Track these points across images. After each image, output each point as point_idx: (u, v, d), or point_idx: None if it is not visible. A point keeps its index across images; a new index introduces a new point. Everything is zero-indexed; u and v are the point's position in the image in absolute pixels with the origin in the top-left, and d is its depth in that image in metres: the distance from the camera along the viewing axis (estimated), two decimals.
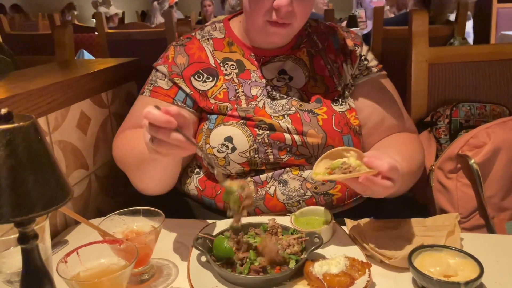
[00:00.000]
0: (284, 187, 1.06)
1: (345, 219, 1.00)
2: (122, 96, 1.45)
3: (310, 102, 1.11)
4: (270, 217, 0.95)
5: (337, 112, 1.10)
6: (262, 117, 1.05)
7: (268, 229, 0.92)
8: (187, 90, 1.11)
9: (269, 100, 1.09)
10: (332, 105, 1.11)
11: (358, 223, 0.98)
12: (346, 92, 1.16)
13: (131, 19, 7.98)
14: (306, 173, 1.07)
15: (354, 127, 1.12)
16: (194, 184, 1.14)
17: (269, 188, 1.06)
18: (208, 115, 1.10)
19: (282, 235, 0.90)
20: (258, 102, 1.08)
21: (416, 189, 1.31)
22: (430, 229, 0.95)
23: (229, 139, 1.04)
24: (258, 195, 1.06)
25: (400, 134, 1.17)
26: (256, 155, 1.05)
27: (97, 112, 1.30)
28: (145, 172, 1.02)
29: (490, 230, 1.17)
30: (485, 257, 0.79)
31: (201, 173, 1.14)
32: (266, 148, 1.05)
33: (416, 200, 1.33)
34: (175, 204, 1.16)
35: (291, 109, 1.08)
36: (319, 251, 0.87)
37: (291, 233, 0.90)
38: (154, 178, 1.04)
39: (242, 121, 1.06)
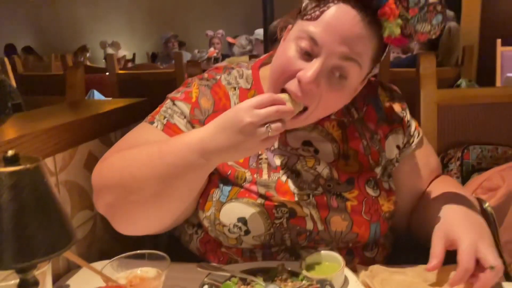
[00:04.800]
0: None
1: (356, 265, 0.96)
2: None
3: (340, 182, 0.97)
4: (279, 263, 0.92)
5: (369, 197, 0.97)
6: (283, 198, 0.94)
7: (278, 275, 0.89)
8: None
9: (294, 174, 0.96)
10: (365, 187, 0.98)
11: (371, 269, 0.94)
12: (389, 168, 1.04)
13: (142, 61, 8.17)
14: (321, 248, 0.97)
15: (384, 214, 0.99)
16: (194, 244, 1.04)
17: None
18: (221, 184, 0.95)
19: (292, 282, 0.86)
20: (281, 175, 0.96)
21: (430, 233, 1.27)
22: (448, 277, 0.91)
23: (243, 220, 0.93)
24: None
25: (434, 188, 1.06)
26: (271, 239, 0.94)
27: (105, 152, 1.30)
28: (174, 188, 0.84)
29: (508, 278, 1.12)
30: None
31: (201, 233, 1.02)
32: (283, 232, 0.94)
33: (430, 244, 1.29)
34: (180, 248, 1.13)
35: (318, 189, 0.96)
36: None
37: (301, 280, 0.86)
38: (185, 193, 0.87)
39: (260, 201, 0.93)
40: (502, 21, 4.33)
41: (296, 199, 0.95)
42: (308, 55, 0.85)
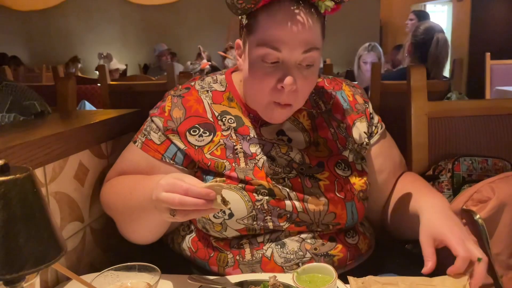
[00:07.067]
0: (281, 249, 1.01)
1: (348, 277, 0.96)
2: (122, 146, 1.43)
3: (312, 165, 1.06)
4: (271, 275, 0.91)
5: (340, 177, 1.06)
6: (261, 181, 1.01)
7: (269, 287, 0.88)
8: (181, 146, 1.05)
9: (269, 160, 1.04)
10: (335, 169, 1.07)
11: (363, 281, 0.94)
12: (362, 151, 1.14)
13: (134, 72, 8.15)
14: (304, 235, 1.03)
15: (358, 193, 1.07)
16: (186, 244, 1.09)
17: (265, 250, 1.02)
18: (204, 176, 1.04)
19: None
20: (258, 160, 1.04)
21: (412, 232, 1.29)
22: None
23: None
24: (254, 258, 1.02)
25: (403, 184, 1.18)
26: (254, 222, 1.00)
27: (96, 163, 1.29)
28: (140, 224, 1.01)
29: None
30: None
31: (194, 232, 1.09)
32: (265, 214, 1.00)
33: (422, 256, 1.29)
34: (171, 259, 1.12)
35: (292, 172, 1.04)
36: None
37: None
38: (149, 228, 1.03)
39: (240, 185, 1.01)
40: (491, 36, 4.41)
41: (273, 182, 1.02)
42: (276, 62, 0.95)
